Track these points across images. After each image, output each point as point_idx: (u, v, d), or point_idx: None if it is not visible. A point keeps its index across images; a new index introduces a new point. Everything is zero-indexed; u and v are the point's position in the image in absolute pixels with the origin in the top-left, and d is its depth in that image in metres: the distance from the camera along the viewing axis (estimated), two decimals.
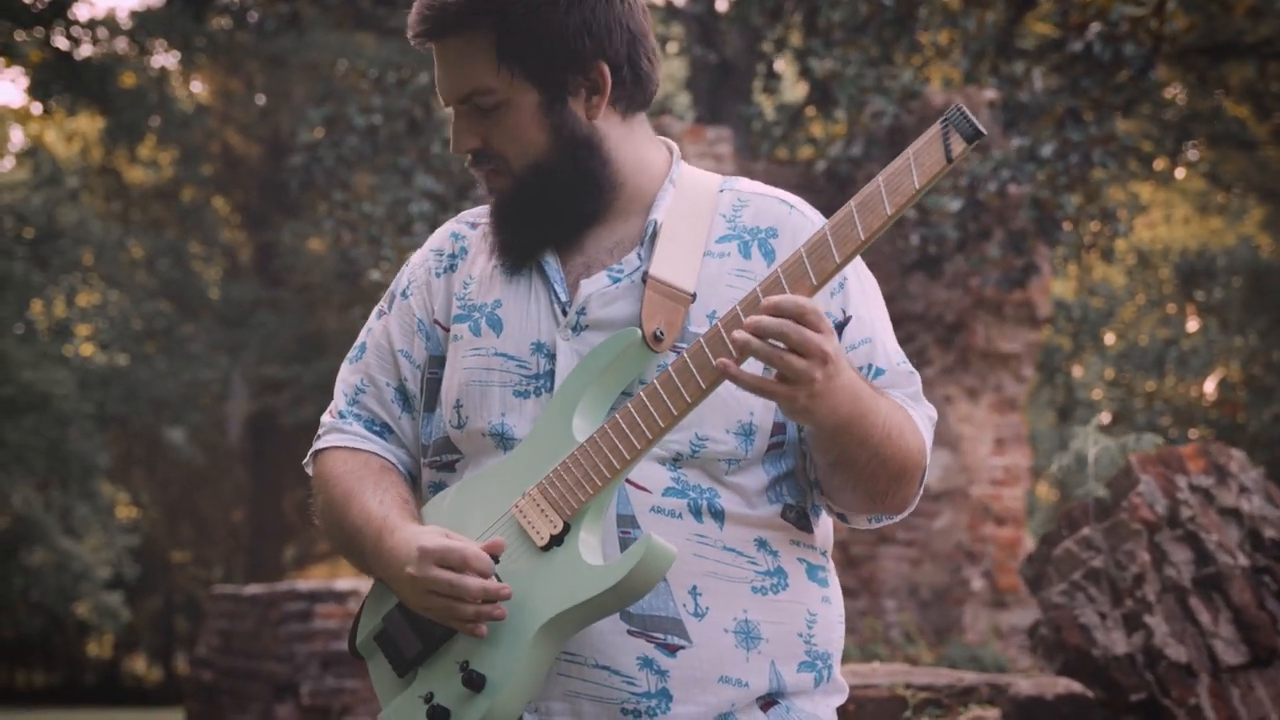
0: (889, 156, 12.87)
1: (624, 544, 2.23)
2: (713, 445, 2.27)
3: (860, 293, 2.38)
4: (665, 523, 2.24)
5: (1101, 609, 5.53)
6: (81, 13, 21.72)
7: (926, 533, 12.14)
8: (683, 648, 2.24)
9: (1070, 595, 5.57)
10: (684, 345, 2.27)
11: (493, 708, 2.18)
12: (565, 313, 2.34)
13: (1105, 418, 19.50)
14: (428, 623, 2.26)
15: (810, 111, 16.00)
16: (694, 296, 2.29)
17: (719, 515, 2.27)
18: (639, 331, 2.25)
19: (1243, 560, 5.60)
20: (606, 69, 2.34)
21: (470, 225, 2.53)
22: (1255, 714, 5.39)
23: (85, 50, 21.10)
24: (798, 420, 2.17)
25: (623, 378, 2.26)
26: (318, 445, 2.50)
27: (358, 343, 2.55)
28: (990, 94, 12.07)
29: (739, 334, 2.07)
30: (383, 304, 2.55)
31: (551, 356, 2.32)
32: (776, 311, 2.06)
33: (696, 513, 2.26)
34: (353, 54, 19.61)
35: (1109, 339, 20.33)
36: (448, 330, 2.44)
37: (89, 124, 25.27)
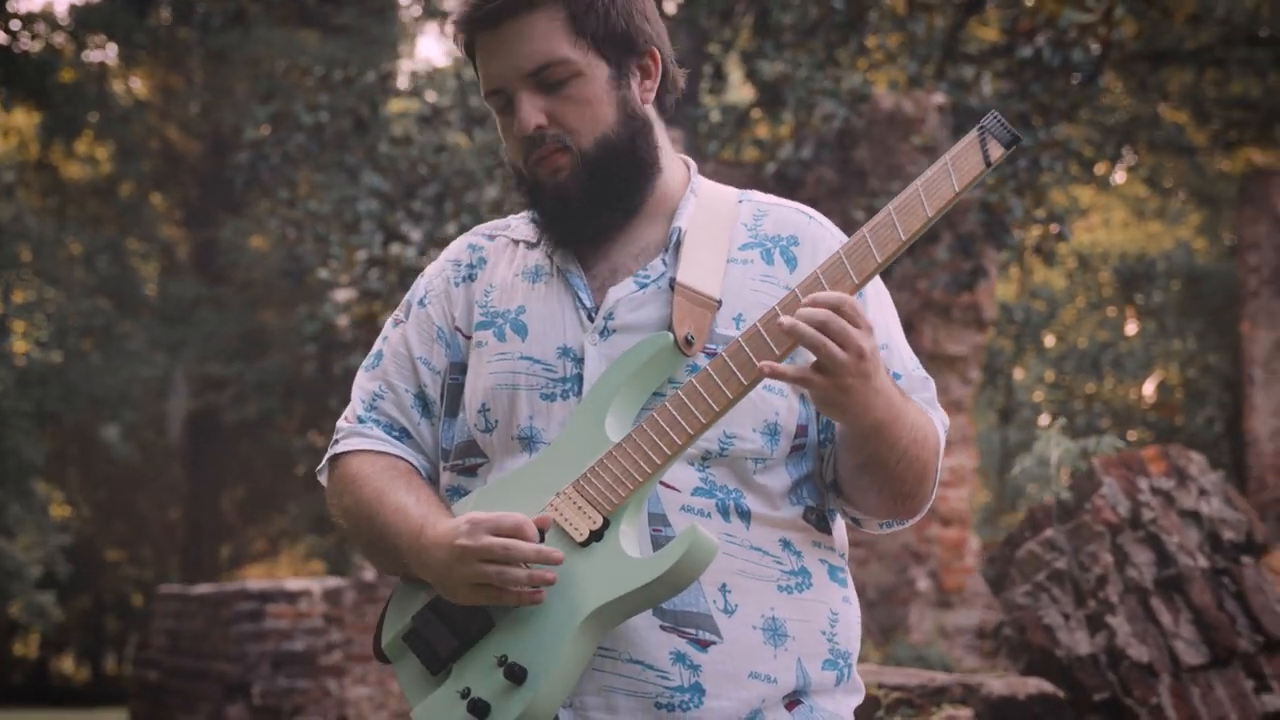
0: (838, 159, 12.95)
1: (656, 542, 2.27)
2: (740, 444, 2.32)
3: (876, 300, 2.45)
4: (694, 521, 2.28)
5: (1065, 610, 5.61)
6: (20, 7, 21.48)
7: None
8: (714, 643, 2.28)
9: (1034, 596, 5.65)
10: (713, 348, 2.32)
11: (536, 700, 2.20)
12: (592, 318, 2.38)
13: (1045, 419, 19.68)
14: (463, 618, 2.29)
15: (756, 113, 16.07)
16: (720, 303, 2.35)
17: (745, 515, 2.32)
18: (671, 335, 2.30)
19: (1202, 562, 5.69)
20: (659, 55, 2.42)
21: (488, 237, 2.57)
22: (1215, 713, 5.48)
23: (23, 45, 20.91)
24: (832, 415, 2.21)
25: (654, 380, 2.31)
26: (337, 449, 2.52)
27: (374, 351, 2.58)
28: (939, 98, 12.16)
29: (786, 320, 2.12)
30: (398, 313, 2.58)
31: (579, 360, 2.37)
32: (819, 305, 2.12)
33: (724, 512, 2.31)
34: (296, 51, 19.52)
35: (1049, 341, 20.53)
36: (469, 337, 2.48)
37: (25, 119, 25.02)
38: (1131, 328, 19.95)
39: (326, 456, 2.55)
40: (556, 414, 2.36)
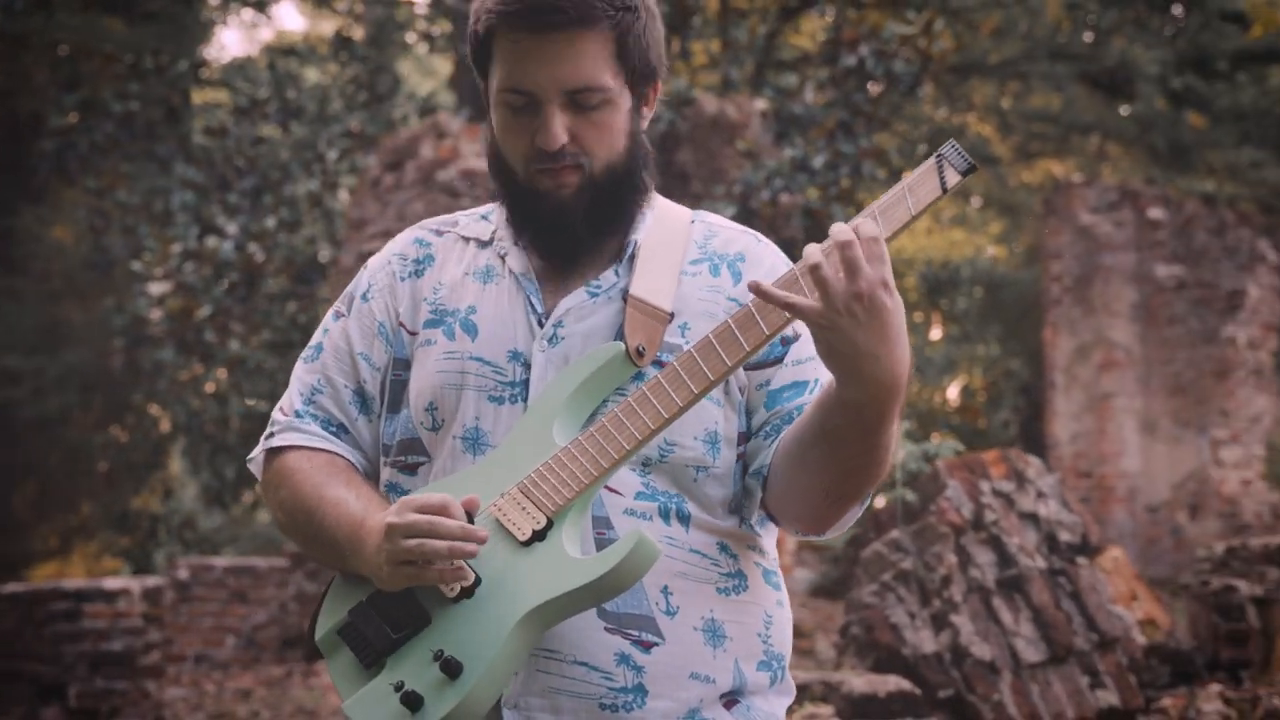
0: (661, 161, 13.05)
1: (599, 544, 2.29)
2: (680, 451, 2.34)
3: None
4: (637, 524, 2.31)
5: (911, 609, 5.75)
6: None
7: None
8: (656, 644, 2.30)
9: (880, 596, 5.77)
10: (663, 357, 2.34)
11: (470, 694, 2.20)
12: (542, 324, 2.39)
13: None
14: (400, 613, 2.28)
15: None
16: (671, 315, 2.37)
17: (685, 519, 2.35)
18: (623, 346, 2.32)
19: (1041, 562, 5.87)
20: (660, 86, 2.45)
21: (435, 233, 2.56)
22: (1053, 709, 5.67)
23: None
24: (828, 361, 2.16)
25: (603, 389, 2.33)
26: (273, 443, 2.50)
27: (313, 343, 2.55)
28: (762, 104, 12.33)
29: (811, 247, 2.12)
30: (339, 306, 2.56)
31: (527, 366, 2.37)
32: (837, 235, 2.10)
33: (665, 515, 2.33)
34: (102, 37, 19.04)
35: None
36: (414, 334, 2.47)
37: None
38: (936, 333, 20.42)
39: (262, 448, 2.52)
40: (504, 417, 2.36)
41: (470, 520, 2.24)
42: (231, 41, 41.31)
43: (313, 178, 14.24)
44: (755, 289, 2.13)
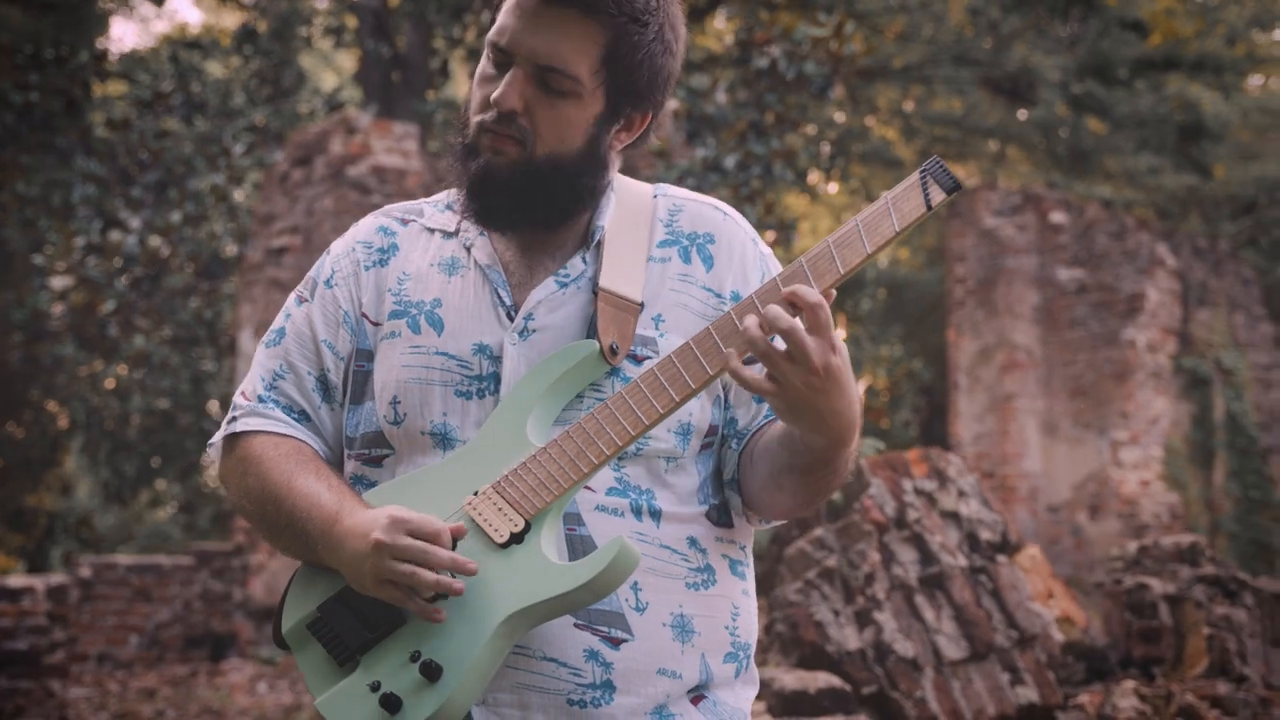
0: None
1: (570, 540, 2.28)
2: (655, 443, 2.34)
3: None
4: (608, 520, 2.31)
5: (835, 606, 5.78)
6: None
7: None
8: (625, 641, 2.30)
9: (805, 593, 5.81)
10: (637, 350, 2.34)
11: (450, 698, 2.19)
12: (511, 316, 2.37)
13: None
14: (374, 611, 2.26)
15: None
16: (641, 305, 2.36)
17: (656, 515, 2.35)
18: (597, 345, 2.30)
19: (962, 560, 5.94)
20: (649, 118, 2.42)
21: (400, 221, 2.53)
22: (974, 705, 5.73)
23: None
24: (788, 422, 2.22)
25: (576, 385, 2.31)
26: (235, 428, 2.46)
27: (275, 326, 2.52)
28: (674, 104, 12.37)
29: (750, 321, 2.11)
30: (302, 290, 2.52)
31: (496, 359, 2.35)
32: (797, 300, 2.11)
33: (637, 512, 2.33)
34: (1, 27, 18.73)
35: None
36: (376, 325, 2.44)
37: None
38: (840, 334, 20.61)
39: (223, 433, 2.48)
40: (472, 412, 2.34)
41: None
42: (127, 33, 40.73)
43: (218, 172, 14.09)
44: (728, 369, 2.14)
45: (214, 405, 16.85)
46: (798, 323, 2.11)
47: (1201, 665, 6.34)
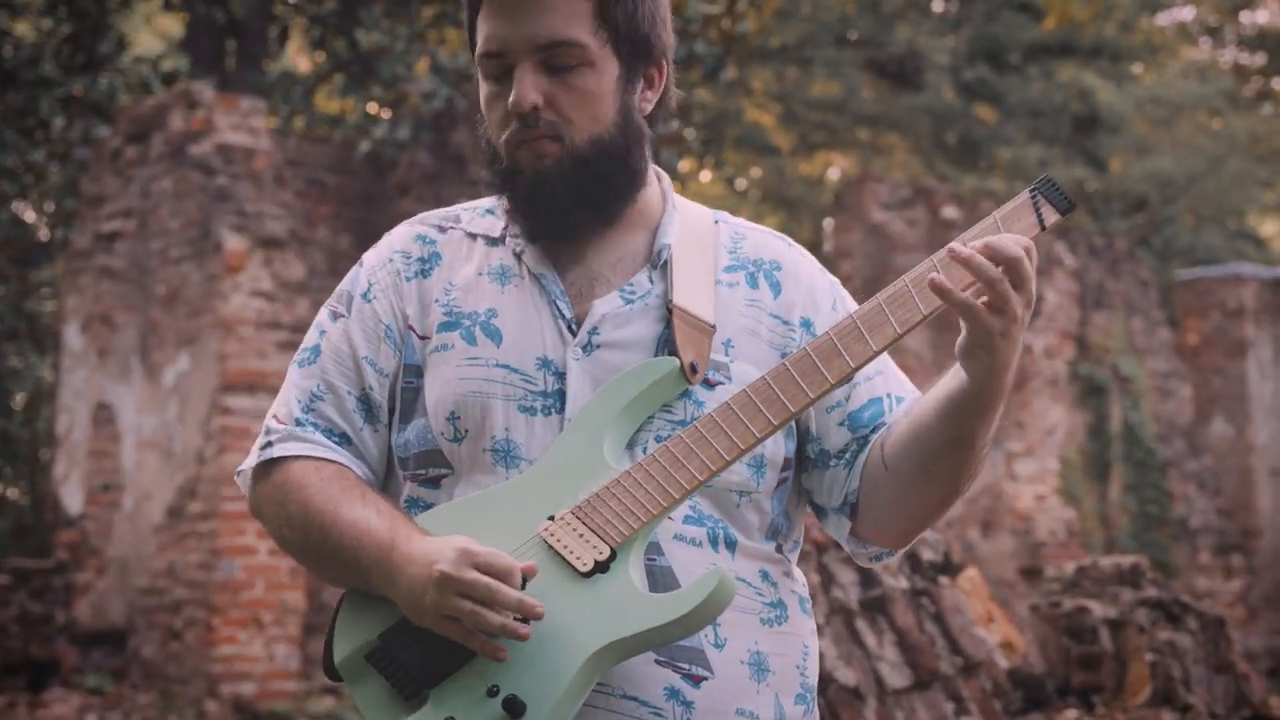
0: (435, 141, 13.03)
1: (650, 571, 2.32)
2: (727, 475, 2.37)
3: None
4: (687, 550, 2.35)
5: None
6: None
7: None
8: (705, 678, 2.34)
9: None
10: (715, 376, 2.39)
11: None
12: (573, 330, 2.40)
13: None
14: (443, 643, 2.27)
15: (331, 86, 15.95)
16: (714, 328, 2.41)
17: (732, 545, 2.40)
18: (678, 362, 2.35)
19: (903, 582, 6.08)
20: (665, 70, 2.47)
21: (438, 229, 2.55)
22: None
23: None
24: (976, 363, 2.25)
25: (650, 406, 2.35)
26: (272, 453, 2.46)
27: (308, 344, 2.52)
28: None
29: (963, 250, 2.18)
30: (336, 305, 2.53)
31: (560, 375, 2.38)
32: (1001, 249, 2.18)
33: (714, 541, 2.38)
34: None
35: None
36: (425, 338, 2.46)
37: None
38: None
39: (256, 459, 2.48)
40: (537, 429, 2.37)
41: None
42: None
43: (36, 147, 13.83)
44: (936, 287, 2.19)
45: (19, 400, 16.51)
46: (1021, 253, 2.18)
47: (1144, 693, 6.55)
